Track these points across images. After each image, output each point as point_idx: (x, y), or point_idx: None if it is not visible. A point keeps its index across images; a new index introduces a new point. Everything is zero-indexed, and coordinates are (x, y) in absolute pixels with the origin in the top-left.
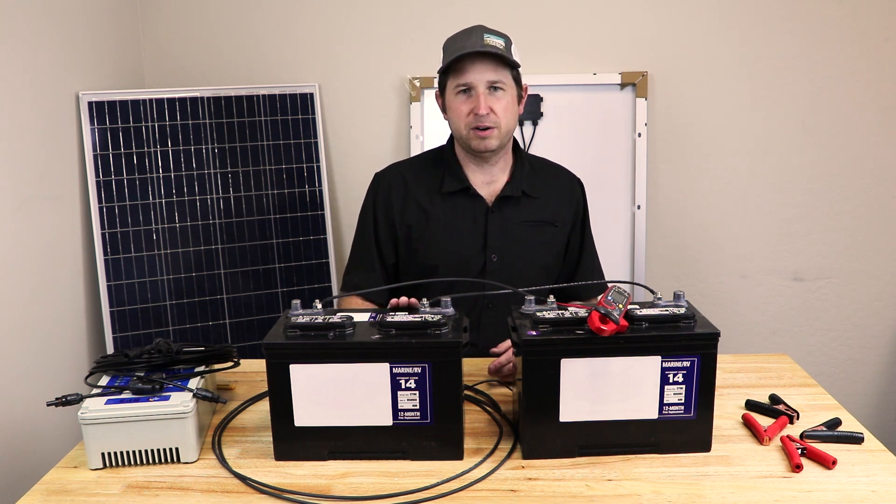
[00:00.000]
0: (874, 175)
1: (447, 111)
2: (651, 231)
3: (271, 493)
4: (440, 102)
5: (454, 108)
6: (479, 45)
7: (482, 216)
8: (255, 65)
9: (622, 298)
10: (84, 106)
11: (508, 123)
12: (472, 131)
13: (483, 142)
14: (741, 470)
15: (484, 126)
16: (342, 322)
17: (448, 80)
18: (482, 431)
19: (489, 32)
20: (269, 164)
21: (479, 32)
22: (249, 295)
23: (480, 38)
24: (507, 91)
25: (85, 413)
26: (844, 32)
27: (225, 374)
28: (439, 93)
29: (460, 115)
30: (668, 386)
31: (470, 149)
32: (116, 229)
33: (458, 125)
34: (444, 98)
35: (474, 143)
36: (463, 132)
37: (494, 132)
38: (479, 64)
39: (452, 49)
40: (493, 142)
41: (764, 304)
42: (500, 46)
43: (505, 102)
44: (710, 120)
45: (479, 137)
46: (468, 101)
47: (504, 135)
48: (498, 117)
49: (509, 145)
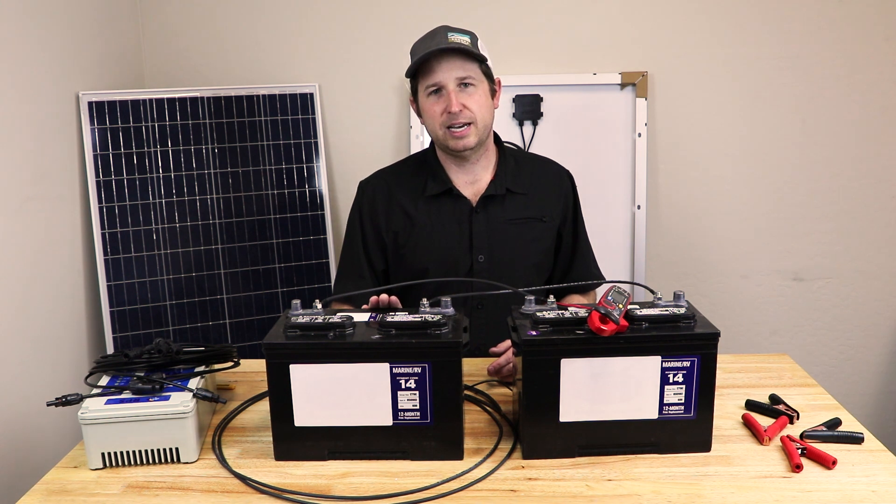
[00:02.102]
0: (874, 175)
1: (421, 114)
2: (651, 231)
3: (271, 493)
4: (415, 107)
5: (427, 110)
6: (443, 43)
7: (466, 217)
8: (255, 65)
9: (622, 298)
10: (84, 106)
11: (485, 118)
12: (447, 131)
13: (460, 141)
14: (741, 470)
15: (459, 123)
16: (342, 322)
17: (418, 83)
18: (482, 431)
19: (453, 31)
20: (269, 164)
21: (443, 32)
22: (249, 295)
23: (444, 37)
24: (479, 86)
25: (85, 413)
26: (844, 32)
27: (225, 374)
28: (412, 98)
29: (434, 116)
30: (668, 386)
31: (448, 149)
32: (116, 229)
33: (433, 127)
34: (417, 102)
35: (451, 143)
36: (439, 133)
37: (471, 129)
38: (445, 62)
39: (418, 51)
40: (471, 139)
41: (764, 304)
42: (466, 42)
43: (477, 97)
44: (710, 120)
45: (454, 137)
46: (440, 100)
47: (482, 130)
48: (473, 113)
49: (489, 142)
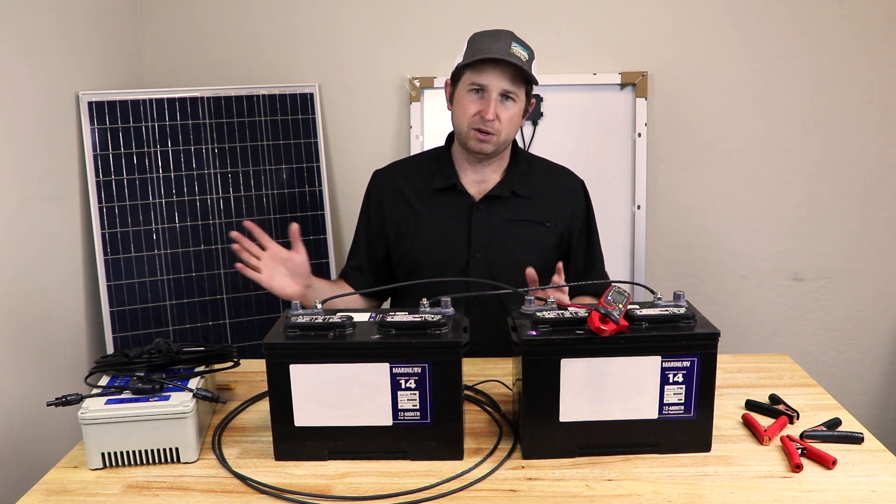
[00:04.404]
0: (874, 175)
1: (454, 103)
2: (651, 231)
3: (271, 493)
4: (448, 92)
5: (462, 104)
6: (504, 52)
7: (466, 213)
8: (255, 65)
9: (622, 298)
10: (84, 106)
11: (509, 134)
12: (473, 131)
13: (481, 144)
14: (741, 470)
15: (486, 130)
16: (342, 322)
17: (464, 74)
18: (482, 431)
19: (517, 42)
20: (269, 164)
21: (508, 39)
22: (249, 295)
23: (508, 45)
24: (517, 103)
25: (85, 413)
26: (844, 32)
27: (225, 374)
28: (450, 81)
29: (466, 112)
30: (668, 386)
31: (466, 147)
32: (116, 229)
33: (461, 121)
34: (454, 88)
35: (472, 142)
36: (464, 129)
37: (493, 139)
38: (499, 70)
39: (478, 47)
40: (490, 147)
41: (764, 304)
42: (524, 58)
43: (512, 113)
44: (710, 120)
45: (478, 139)
46: (478, 101)
47: (502, 143)
48: (501, 125)
49: (507, 151)
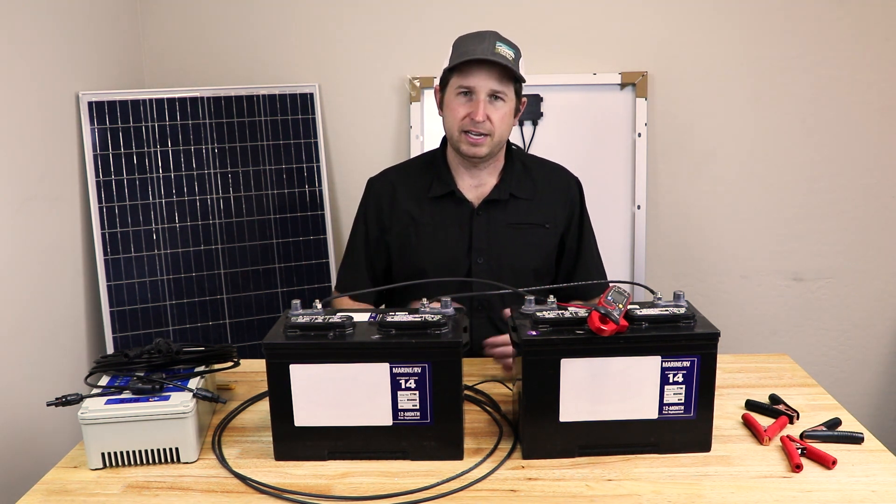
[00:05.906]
0: (874, 175)
1: (444, 108)
2: (651, 231)
3: (271, 493)
4: (438, 98)
5: (451, 108)
6: (489, 52)
7: (467, 219)
8: (255, 65)
9: (622, 298)
10: (84, 106)
11: (502, 134)
12: (464, 135)
13: (473, 148)
14: (741, 470)
15: (477, 132)
16: (342, 322)
17: (451, 78)
18: (482, 431)
19: (502, 41)
20: (269, 164)
21: (493, 39)
22: (249, 295)
23: (492, 46)
24: (507, 102)
25: (85, 413)
26: (844, 32)
27: (225, 374)
28: (439, 88)
29: (456, 116)
30: (668, 386)
31: (459, 152)
32: (116, 229)
33: (451, 125)
34: (442, 94)
35: (464, 147)
36: (455, 133)
37: (487, 140)
38: (485, 71)
39: (462, 50)
40: (483, 149)
41: (764, 304)
42: (510, 57)
43: (502, 113)
44: (710, 120)
45: (469, 143)
46: (467, 104)
47: (496, 144)
48: (493, 126)
49: (501, 152)
